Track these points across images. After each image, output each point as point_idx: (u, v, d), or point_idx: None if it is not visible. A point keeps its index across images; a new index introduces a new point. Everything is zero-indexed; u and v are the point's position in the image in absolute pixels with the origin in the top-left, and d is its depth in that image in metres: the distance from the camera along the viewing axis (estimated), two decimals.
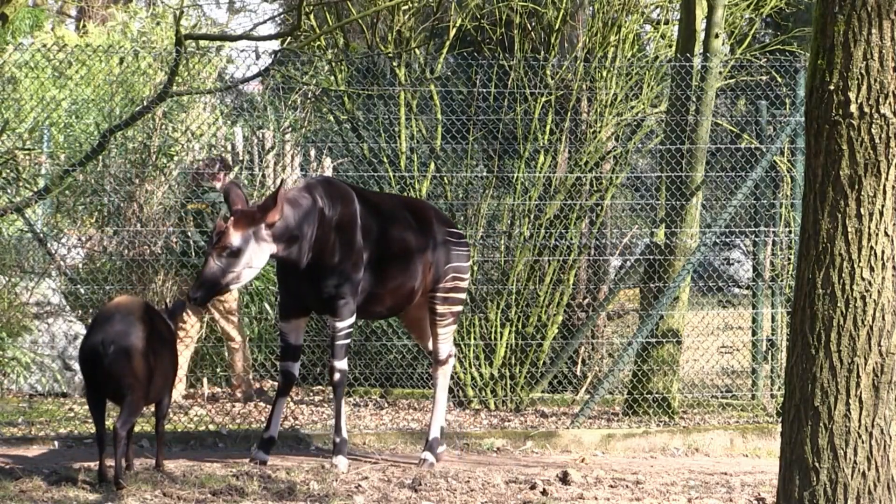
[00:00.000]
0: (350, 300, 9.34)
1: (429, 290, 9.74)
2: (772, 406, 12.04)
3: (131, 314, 8.42)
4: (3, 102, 11.98)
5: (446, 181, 12.51)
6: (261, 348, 12.76)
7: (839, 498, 5.53)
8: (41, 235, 12.73)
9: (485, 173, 12.70)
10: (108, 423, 8.57)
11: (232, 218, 8.93)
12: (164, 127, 12.89)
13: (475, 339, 12.22)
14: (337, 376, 9.34)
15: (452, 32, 12.67)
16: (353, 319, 9.40)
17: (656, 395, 11.70)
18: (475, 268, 12.34)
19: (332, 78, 12.91)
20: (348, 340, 9.43)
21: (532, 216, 12.38)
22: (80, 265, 13.06)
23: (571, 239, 12.49)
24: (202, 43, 12.90)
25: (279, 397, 9.58)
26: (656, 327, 11.72)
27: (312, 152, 14.57)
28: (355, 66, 12.72)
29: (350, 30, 13.83)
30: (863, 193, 5.56)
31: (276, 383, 12.85)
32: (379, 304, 9.64)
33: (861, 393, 5.55)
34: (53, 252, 12.79)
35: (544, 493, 8.53)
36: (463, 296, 9.93)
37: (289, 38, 12.51)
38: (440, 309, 9.76)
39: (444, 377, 9.96)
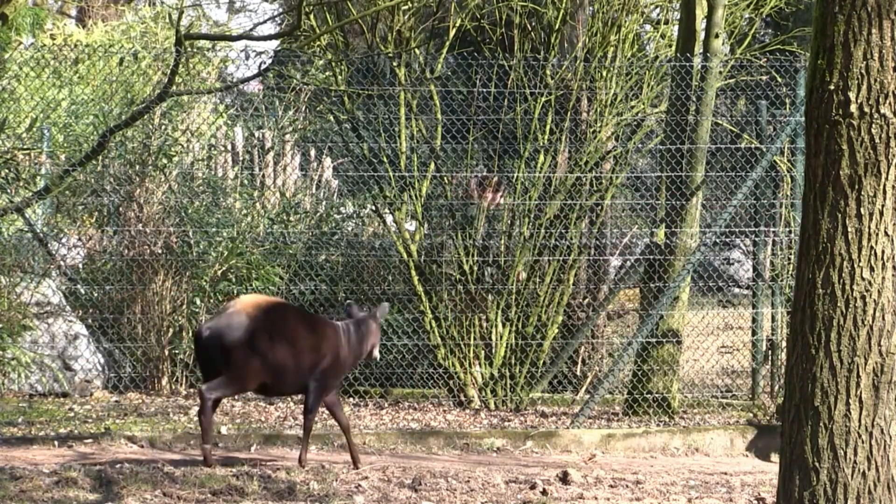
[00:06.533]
0: None
1: None
2: (772, 406, 12.04)
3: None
4: (4, 103, 11.99)
5: (446, 181, 12.50)
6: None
7: (839, 498, 5.53)
8: (41, 235, 12.73)
9: (485, 173, 12.70)
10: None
11: None
12: (163, 127, 12.89)
13: (475, 339, 12.22)
14: None
15: (452, 32, 12.67)
16: None
17: (656, 395, 11.70)
18: (475, 268, 12.33)
19: (332, 78, 12.91)
20: None
21: (532, 216, 12.37)
22: (80, 265, 13.07)
23: (571, 239, 12.48)
24: (202, 43, 12.90)
25: None
26: (656, 327, 11.71)
27: (312, 152, 14.57)
28: (355, 66, 12.71)
29: (350, 30, 13.83)
30: (863, 193, 5.56)
31: None
32: None
33: (861, 393, 5.54)
34: (53, 252, 12.79)
35: (544, 493, 8.53)
36: None
37: (289, 38, 12.51)
38: None
39: None
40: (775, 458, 6.09)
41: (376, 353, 9.71)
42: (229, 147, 14.12)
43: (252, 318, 9.04)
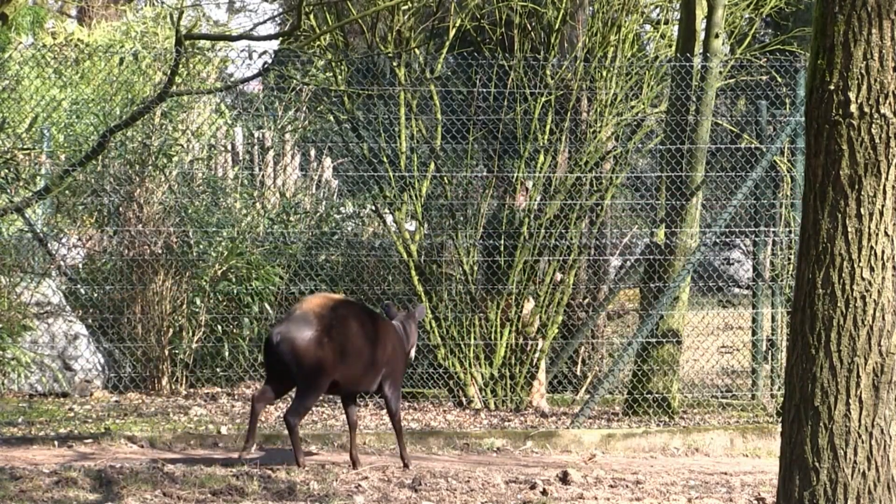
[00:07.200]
0: None
1: None
2: (772, 406, 12.05)
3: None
4: (4, 102, 11.99)
5: (446, 181, 12.50)
6: (260, 348, 12.75)
7: (839, 498, 5.52)
8: (41, 235, 12.73)
9: (485, 173, 12.70)
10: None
11: None
12: (163, 127, 12.89)
13: (475, 339, 12.22)
14: None
15: (452, 32, 12.67)
16: None
17: (656, 395, 11.70)
18: (475, 268, 12.34)
19: (333, 78, 12.91)
20: None
21: (532, 216, 12.37)
22: (80, 265, 13.07)
23: (571, 239, 12.48)
24: (203, 43, 12.90)
25: None
26: (656, 327, 11.71)
27: (312, 152, 14.57)
28: (355, 66, 12.71)
29: (350, 30, 13.83)
30: (863, 193, 5.55)
31: None
32: None
33: (861, 393, 5.54)
34: (53, 252, 12.79)
35: (544, 493, 8.53)
36: None
37: (289, 38, 12.51)
38: None
39: None
40: (775, 458, 6.09)
41: (412, 354, 9.80)
42: (229, 147, 14.12)
43: (320, 318, 9.04)
